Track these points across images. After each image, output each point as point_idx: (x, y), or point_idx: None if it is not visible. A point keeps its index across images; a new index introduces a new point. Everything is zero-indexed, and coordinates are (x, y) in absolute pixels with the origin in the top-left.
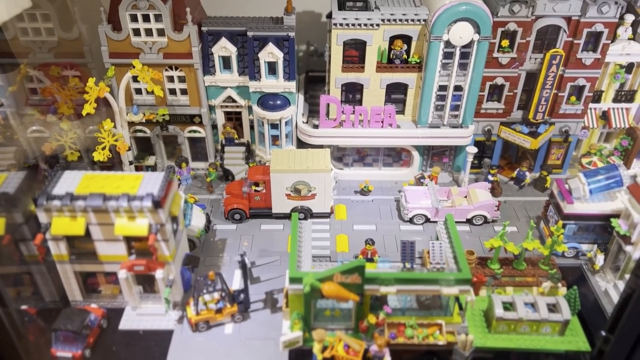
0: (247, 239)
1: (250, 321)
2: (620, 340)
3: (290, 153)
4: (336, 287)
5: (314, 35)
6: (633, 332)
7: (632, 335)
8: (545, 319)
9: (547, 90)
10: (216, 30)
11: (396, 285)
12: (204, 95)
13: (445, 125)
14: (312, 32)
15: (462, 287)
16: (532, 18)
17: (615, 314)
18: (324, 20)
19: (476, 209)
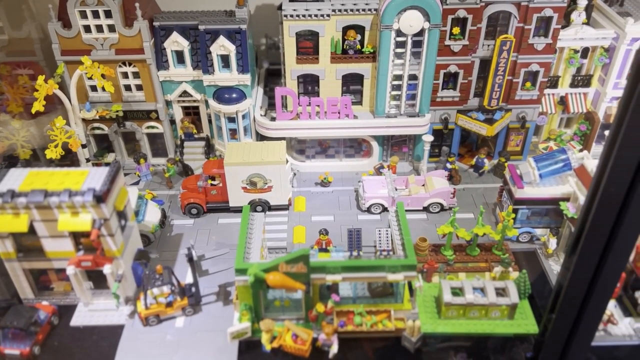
0: (204, 233)
1: (202, 314)
2: (560, 319)
3: (246, 146)
4: (281, 277)
5: (273, 28)
6: (571, 312)
7: (570, 314)
8: (493, 303)
9: (499, 77)
10: (168, 25)
11: (343, 274)
12: (159, 91)
13: (402, 114)
14: (270, 25)
15: (407, 273)
16: (481, 4)
17: (554, 295)
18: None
19: (432, 196)
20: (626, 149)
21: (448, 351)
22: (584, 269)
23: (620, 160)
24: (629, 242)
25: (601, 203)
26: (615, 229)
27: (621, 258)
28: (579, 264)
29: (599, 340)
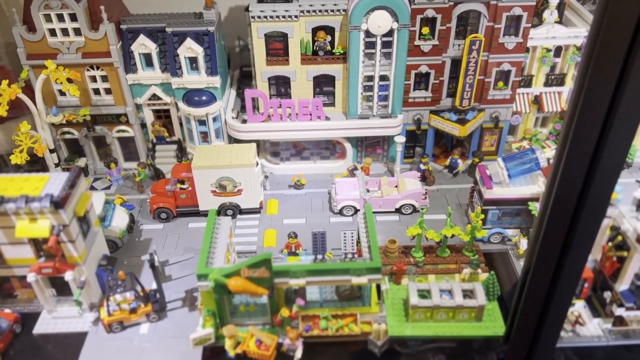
0: (173, 238)
1: (167, 320)
2: (523, 320)
3: (215, 149)
4: (243, 282)
5: (245, 30)
6: (533, 312)
7: (533, 315)
8: (460, 305)
9: (470, 77)
10: (135, 28)
11: (307, 277)
12: (129, 94)
13: (374, 115)
14: (243, 27)
15: (371, 276)
16: (450, 4)
17: (517, 296)
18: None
19: (404, 198)
20: (577, 148)
21: (426, 353)
22: (543, 270)
23: (571, 161)
24: (587, 241)
25: (555, 204)
26: (571, 229)
27: (579, 258)
28: (537, 264)
29: (568, 341)
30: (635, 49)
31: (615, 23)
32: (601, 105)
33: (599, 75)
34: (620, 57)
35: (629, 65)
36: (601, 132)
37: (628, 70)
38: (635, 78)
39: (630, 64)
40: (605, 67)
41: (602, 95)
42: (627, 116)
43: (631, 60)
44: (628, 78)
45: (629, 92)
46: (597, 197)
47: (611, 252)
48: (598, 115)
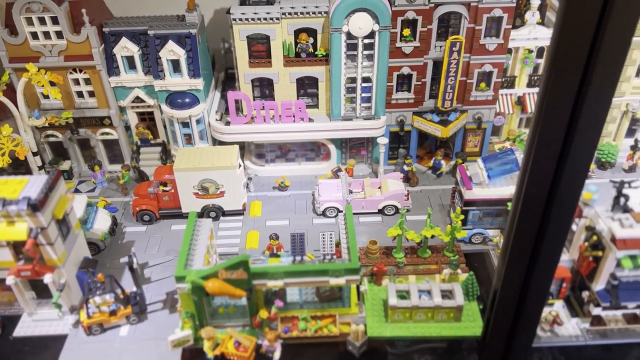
0: (156, 240)
1: (147, 322)
2: (498, 320)
3: (197, 151)
4: (220, 284)
5: (229, 32)
6: (507, 312)
7: (507, 315)
8: (439, 305)
9: (451, 78)
10: (117, 31)
11: (285, 279)
12: (112, 97)
13: (358, 117)
14: (227, 30)
15: (349, 277)
16: (430, 6)
17: (492, 296)
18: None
19: (386, 199)
20: (543, 148)
21: (412, 354)
22: (516, 270)
23: (539, 162)
24: (557, 241)
25: (525, 206)
26: (542, 229)
27: (551, 258)
28: (510, 265)
29: (546, 341)
30: (596, 50)
31: (576, 25)
32: (565, 107)
33: (562, 76)
34: (582, 58)
35: (591, 66)
36: (567, 132)
37: (590, 72)
38: (597, 78)
39: (592, 65)
40: (567, 68)
41: (565, 97)
42: (591, 117)
43: (593, 61)
44: (591, 79)
45: (592, 94)
46: (565, 198)
47: (587, 252)
48: (563, 116)
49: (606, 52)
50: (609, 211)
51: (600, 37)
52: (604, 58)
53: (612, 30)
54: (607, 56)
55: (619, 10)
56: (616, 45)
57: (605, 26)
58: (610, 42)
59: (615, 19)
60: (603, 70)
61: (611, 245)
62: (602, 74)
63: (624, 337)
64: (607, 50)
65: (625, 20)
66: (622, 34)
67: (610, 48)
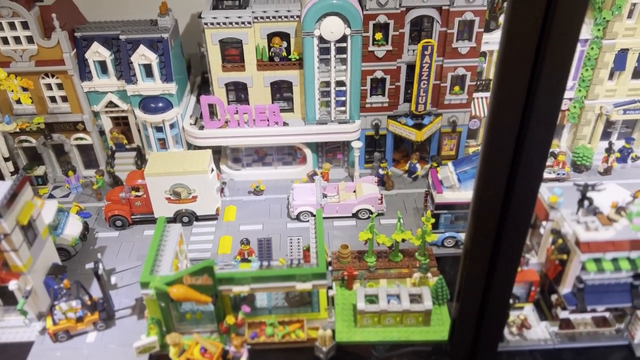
0: (128, 245)
1: (115, 328)
2: (461, 324)
3: (169, 156)
4: (185, 290)
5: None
6: (471, 316)
7: (470, 319)
8: (407, 310)
9: (424, 82)
10: (89, 35)
11: (252, 284)
12: (85, 102)
13: (333, 121)
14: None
15: (316, 282)
16: (402, 9)
17: (455, 300)
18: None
19: (360, 202)
20: (496, 152)
21: (391, 358)
22: (476, 273)
23: (492, 165)
24: (516, 244)
25: (480, 209)
26: (499, 232)
27: (510, 262)
28: (470, 269)
29: (515, 344)
30: (542, 53)
31: (522, 27)
32: (515, 109)
33: (510, 79)
34: (529, 62)
35: (538, 70)
36: (518, 135)
37: (538, 74)
38: (545, 82)
39: (538, 69)
40: (515, 72)
41: (515, 99)
42: (542, 120)
43: (539, 65)
44: (539, 80)
45: (541, 96)
46: (521, 200)
47: (554, 255)
48: (513, 120)
49: (552, 55)
50: (575, 214)
51: (545, 42)
52: (550, 61)
53: (557, 35)
54: (553, 59)
55: (562, 16)
56: (561, 48)
57: (550, 30)
58: (555, 45)
59: (558, 23)
60: (550, 73)
61: (575, 249)
62: (549, 77)
63: (592, 341)
64: (553, 53)
65: (569, 25)
66: (566, 38)
67: (555, 51)
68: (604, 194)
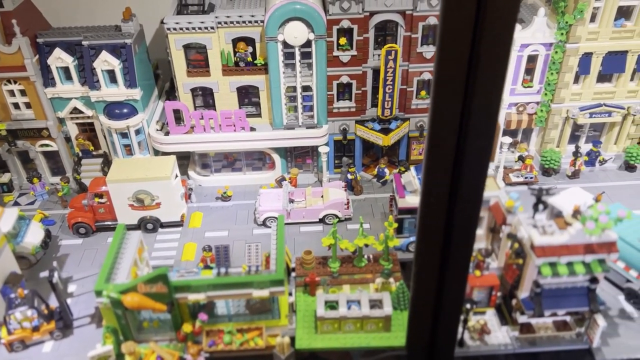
0: (91, 253)
1: (72, 337)
2: (415, 328)
3: (133, 162)
4: (140, 298)
5: None
6: (424, 322)
7: (424, 324)
8: (366, 315)
9: (389, 87)
10: (51, 41)
11: (208, 292)
12: (49, 108)
13: (300, 125)
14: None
15: (273, 289)
16: (365, 14)
17: (409, 305)
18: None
19: (326, 208)
20: (437, 158)
21: None
22: (427, 278)
23: (432, 170)
24: (464, 248)
25: (426, 215)
26: (447, 236)
27: (460, 266)
28: (420, 274)
29: (475, 350)
30: (475, 61)
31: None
32: (454, 113)
33: (447, 83)
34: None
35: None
36: (458, 139)
37: (473, 82)
38: (481, 87)
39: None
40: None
41: (452, 105)
42: (480, 123)
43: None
44: (474, 87)
45: (478, 102)
46: (466, 205)
47: (511, 259)
48: (452, 124)
49: (486, 62)
50: (531, 218)
51: (478, 47)
52: (483, 67)
53: (488, 43)
54: (487, 65)
55: (492, 24)
56: (495, 55)
57: (481, 38)
58: (487, 54)
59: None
60: (485, 80)
61: (531, 253)
62: (484, 83)
63: (553, 345)
64: (487, 60)
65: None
66: (497, 48)
67: (488, 56)
68: (568, 197)
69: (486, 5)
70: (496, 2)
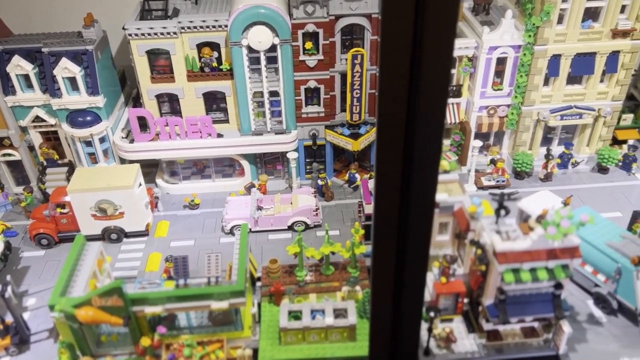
0: (53, 265)
1: (29, 353)
2: (375, 336)
3: (96, 171)
4: (94, 312)
5: None
6: (384, 333)
7: (384, 335)
8: (330, 325)
9: (357, 91)
10: (10, 49)
11: (166, 304)
12: (10, 116)
13: (269, 131)
14: None
15: (233, 300)
16: (331, 18)
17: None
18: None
19: (295, 215)
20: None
21: None
22: (384, 284)
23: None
24: (420, 253)
25: (379, 223)
26: (402, 242)
27: (416, 272)
28: (376, 280)
29: (441, 358)
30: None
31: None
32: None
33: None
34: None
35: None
36: (405, 143)
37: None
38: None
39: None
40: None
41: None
42: (427, 127)
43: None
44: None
45: (423, 105)
46: (418, 211)
47: (475, 265)
48: (399, 128)
49: (428, 70)
50: (494, 224)
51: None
52: (426, 73)
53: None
54: (430, 70)
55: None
56: (437, 55)
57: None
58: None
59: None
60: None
61: (494, 260)
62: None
63: (520, 352)
64: (429, 68)
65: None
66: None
67: (430, 66)
68: (537, 201)
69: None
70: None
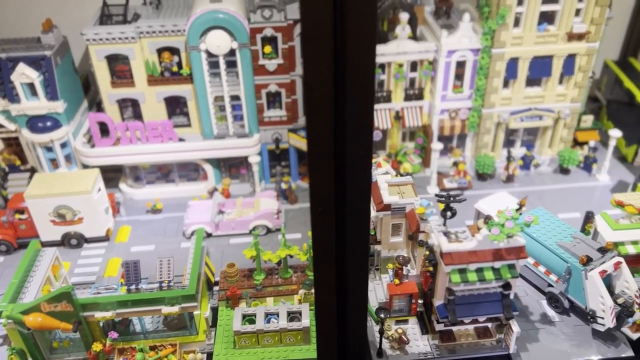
0: (12, 272)
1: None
2: (322, 340)
3: (54, 176)
4: (43, 318)
5: None
6: (328, 335)
7: (329, 337)
8: (284, 328)
9: None
10: None
11: (117, 309)
12: None
13: (232, 135)
14: None
15: (185, 305)
16: (289, 22)
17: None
18: None
19: (256, 218)
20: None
21: None
22: (326, 286)
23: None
24: (359, 254)
25: (317, 224)
26: (341, 245)
27: (359, 272)
28: (319, 284)
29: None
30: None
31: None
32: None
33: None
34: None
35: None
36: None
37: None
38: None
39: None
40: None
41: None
42: (356, 130)
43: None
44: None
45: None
46: (354, 215)
47: (424, 266)
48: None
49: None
50: (442, 225)
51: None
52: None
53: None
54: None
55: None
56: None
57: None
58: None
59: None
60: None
61: (441, 261)
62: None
63: (473, 352)
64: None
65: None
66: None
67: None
68: (495, 202)
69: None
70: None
